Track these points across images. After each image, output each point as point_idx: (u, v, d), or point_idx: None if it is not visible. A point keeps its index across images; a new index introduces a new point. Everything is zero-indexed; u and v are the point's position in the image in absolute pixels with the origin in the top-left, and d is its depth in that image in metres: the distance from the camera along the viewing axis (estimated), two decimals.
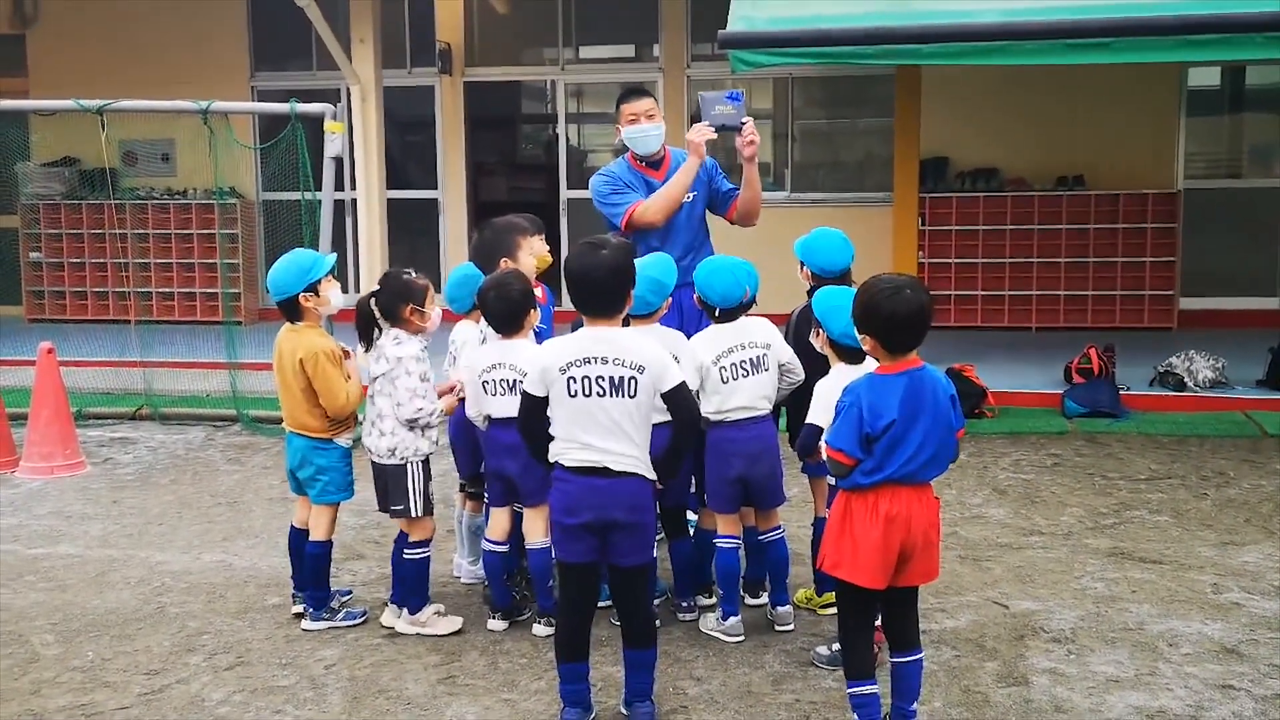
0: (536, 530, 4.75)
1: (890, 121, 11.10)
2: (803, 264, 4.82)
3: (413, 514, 4.71)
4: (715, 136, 5.47)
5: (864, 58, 7.50)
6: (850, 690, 3.76)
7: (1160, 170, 11.73)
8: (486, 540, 4.90)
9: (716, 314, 4.65)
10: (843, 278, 4.76)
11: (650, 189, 5.61)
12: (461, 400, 4.87)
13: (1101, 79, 10.99)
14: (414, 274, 4.76)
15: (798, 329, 4.81)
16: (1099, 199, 11.65)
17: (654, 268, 4.68)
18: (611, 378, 3.77)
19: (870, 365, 4.05)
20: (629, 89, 5.82)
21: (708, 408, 4.60)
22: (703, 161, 5.54)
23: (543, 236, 5.37)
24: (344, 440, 4.90)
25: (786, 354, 4.70)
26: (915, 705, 3.80)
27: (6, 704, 4.25)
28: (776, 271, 5.54)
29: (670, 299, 4.77)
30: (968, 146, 11.99)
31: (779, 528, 4.81)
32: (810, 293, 4.74)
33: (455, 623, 4.80)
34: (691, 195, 5.61)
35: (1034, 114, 11.71)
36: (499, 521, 4.88)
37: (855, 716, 3.77)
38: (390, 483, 4.72)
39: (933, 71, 10.17)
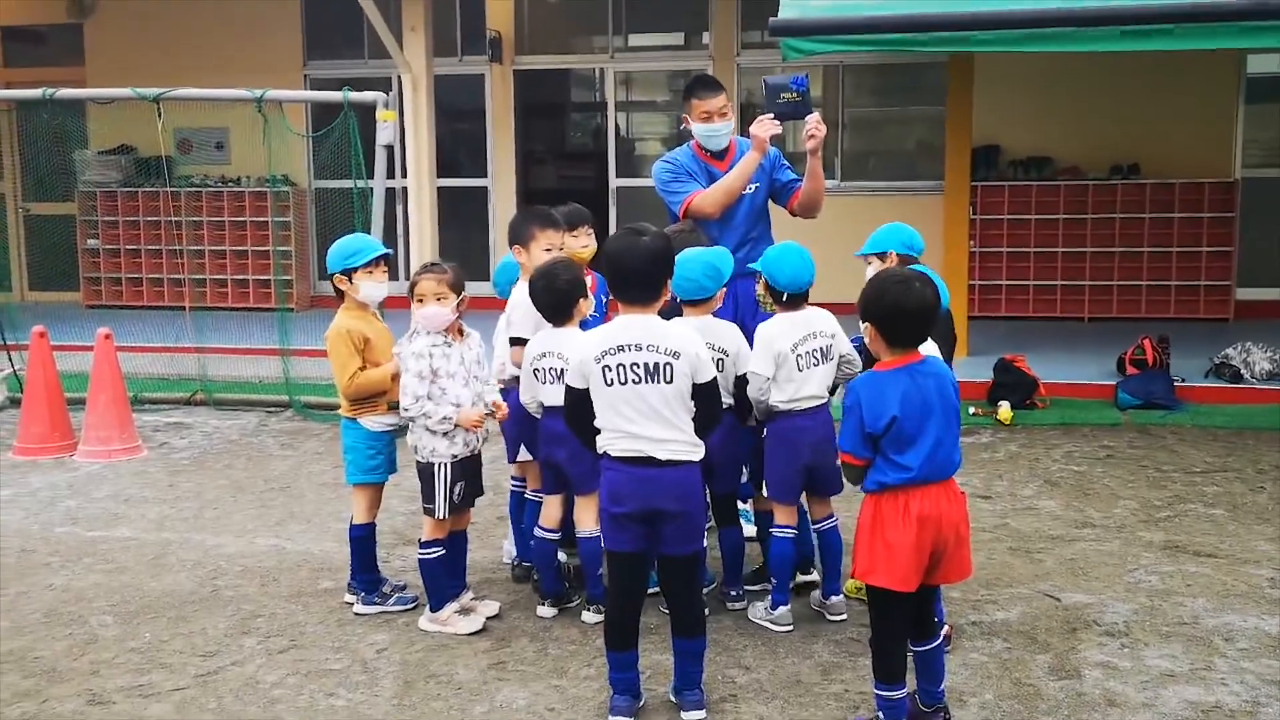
0: (586, 519, 4.76)
1: (942, 110, 10.98)
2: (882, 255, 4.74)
3: (437, 514, 4.68)
4: (779, 130, 5.39)
5: (916, 45, 7.42)
6: (879, 692, 3.73)
7: (1217, 158, 11.54)
8: (539, 528, 4.92)
9: (785, 299, 4.62)
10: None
11: (712, 179, 5.58)
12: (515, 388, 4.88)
13: (1157, 65, 10.81)
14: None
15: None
16: (1154, 188, 11.48)
17: (713, 254, 4.68)
18: (646, 364, 3.76)
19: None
20: (701, 80, 5.69)
21: (780, 396, 4.58)
22: (764, 155, 5.49)
23: (586, 229, 5.30)
24: (370, 423, 4.89)
25: (847, 345, 4.70)
26: (943, 686, 3.80)
27: (66, 683, 4.33)
28: (827, 261, 5.50)
29: (725, 289, 4.75)
30: (1020, 135, 11.86)
31: (832, 515, 4.81)
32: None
33: (477, 622, 4.73)
34: (753, 186, 5.58)
35: (1087, 101, 11.56)
36: (551, 509, 4.90)
37: (881, 716, 3.74)
38: (421, 480, 4.72)
39: (985, 59, 10.04)
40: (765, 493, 4.81)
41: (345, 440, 4.90)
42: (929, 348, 3.91)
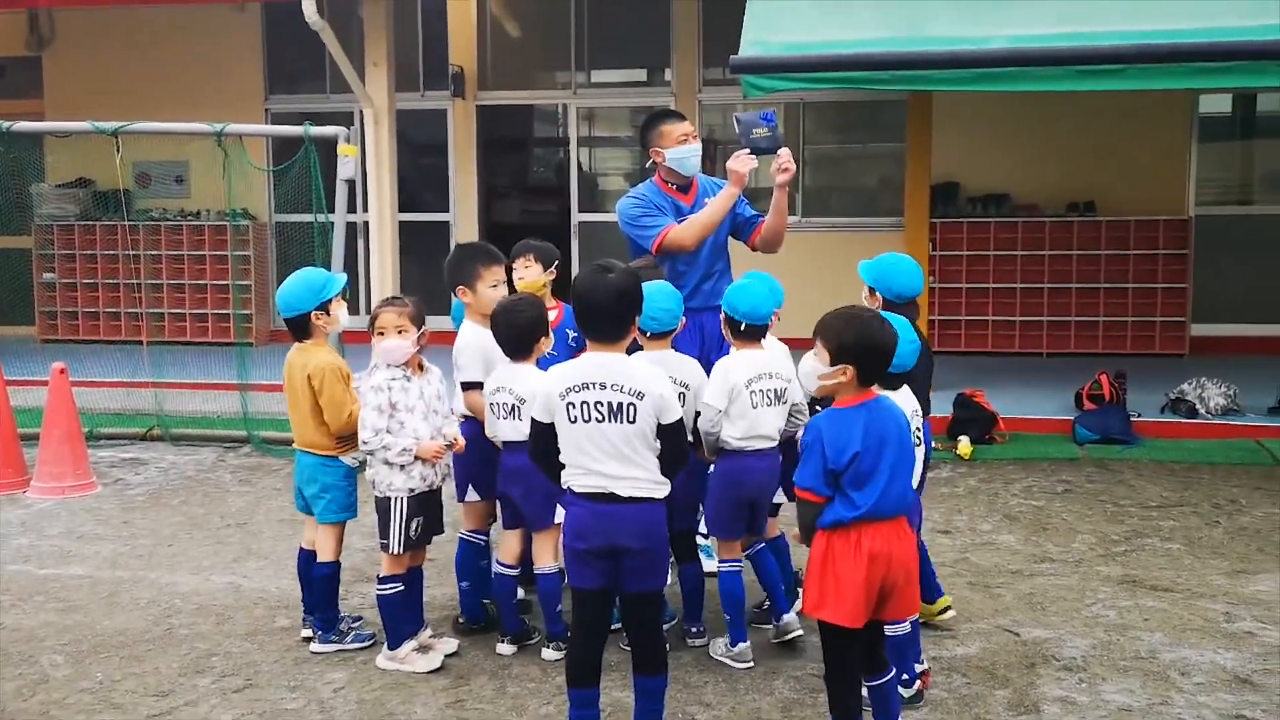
0: (545, 554, 4.76)
1: (902, 146, 11.11)
2: (872, 289, 4.77)
3: (392, 549, 4.66)
4: (757, 164, 5.47)
5: (877, 83, 7.51)
6: None
7: (1172, 196, 11.72)
8: (498, 563, 4.90)
9: (743, 328, 4.63)
10: (911, 305, 4.72)
11: (679, 213, 5.61)
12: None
13: (1113, 105, 11.00)
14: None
15: None
16: (1110, 225, 11.63)
17: (662, 295, 4.64)
18: (610, 404, 3.77)
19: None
20: (663, 112, 5.83)
21: (733, 432, 4.59)
22: (742, 189, 5.54)
23: (527, 259, 5.30)
24: (350, 459, 4.90)
25: (799, 395, 4.68)
26: None
27: None
28: (786, 296, 5.53)
29: (685, 320, 4.76)
30: (979, 172, 12.00)
31: (761, 542, 4.84)
32: None
33: (435, 660, 4.69)
34: None
35: (1045, 139, 11.72)
36: (510, 544, 4.89)
37: None
38: (379, 515, 4.70)
39: (945, 97, 10.18)
40: (703, 528, 4.83)
41: (324, 479, 4.86)
42: (902, 389, 4.05)
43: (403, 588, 4.70)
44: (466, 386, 4.94)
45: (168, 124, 9.19)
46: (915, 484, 4.12)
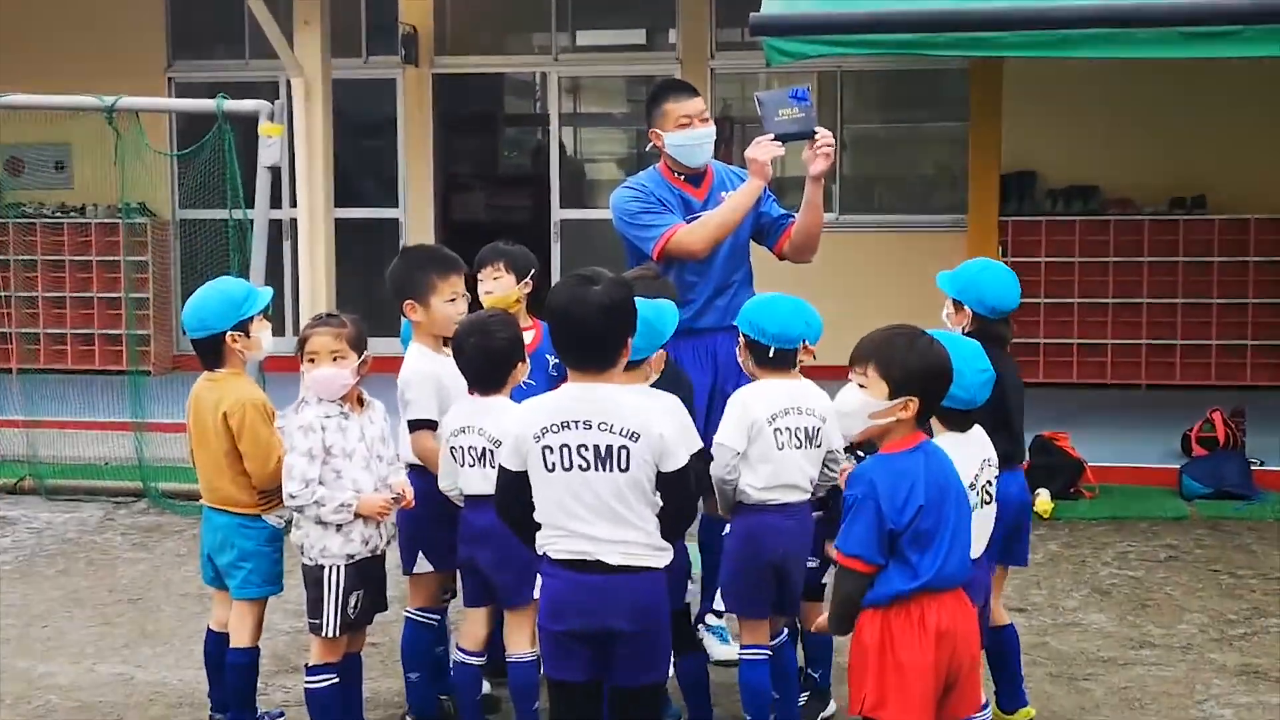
0: (519, 638, 4.74)
1: (964, 127, 11.16)
2: (959, 303, 4.84)
3: (325, 632, 4.64)
4: (782, 152, 5.49)
5: (930, 48, 7.56)
6: None
7: None
8: (458, 649, 4.89)
9: (771, 354, 4.65)
10: (1005, 323, 4.82)
11: (689, 209, 5.63)
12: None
13: (1228, 77, 11.03)
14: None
15: None
16: (1224, 224, 11.67)
17: (649, 308, 4.52)
18: (596, 447, 3.77)
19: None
20: (670, 84, 5.85)
21: (753, 480, 4.58)
22: (767, 182, 5.56)
23: (496, 268, 5.33)
24: (275, 519, 4.88)
25: (838, 440, 4.66)
26: None
27: None
28: (823, 314, 5.54)
29: (663, 351, 4.72)
30: (1060, 159, 12.04)
31: (784, 631, 4.86)
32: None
33: None
34: None
35: (1143, 120, 11.76)
36: (474, 627, 4.87)
37: None
38: (308, 587, 4.68)
39: (1017, 66, 10.23)
40: (722, 604, 4.82)
41: (243, 544, 4.84)
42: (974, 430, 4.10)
43: (337, 679, 4.69)
44: (416, 426, 4.92)
45: (45, 97, 9.21)
46: (981, 550, 4.14)
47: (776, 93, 5.55)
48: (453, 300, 5.01)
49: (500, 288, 5.32)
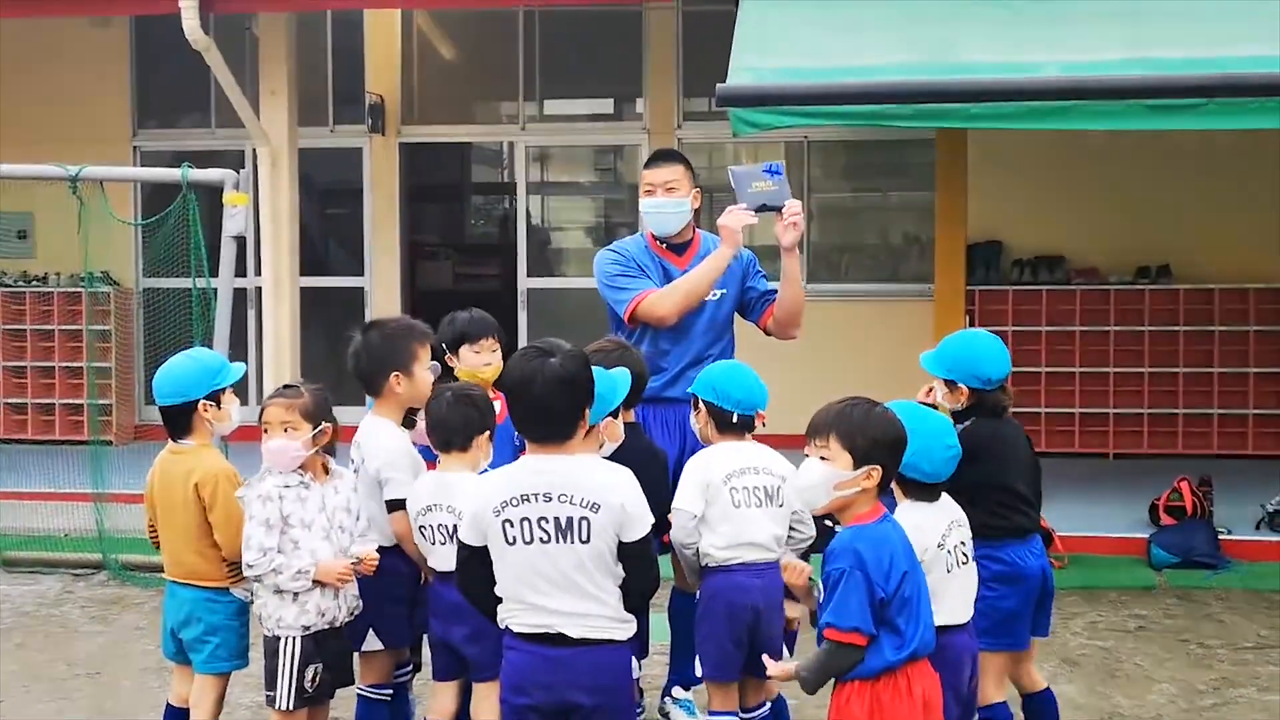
0: (488, 711, 4.69)
1: (930, 196, 11.25)
2: (951, 382, 4.82)
3: (279, 704, 4.60)
4: (755, 221, 5.53)
5: (897, 118, 7.61)
6: None
7: (1263, 260, 11.86)
8: None
9: (735, 419, 4.69)
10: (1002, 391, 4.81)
11: (668, 278, 5.67)
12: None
13: (1192, 149, 11.15)
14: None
15: None
16: (1189, 294, 11.78)
17: (602, 377, 4.53)
18: (557, 519, 3.78)
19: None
20: (655, 153, 5.98)
21: (715, 542, 4.61)
22: (736, 252, 5.60)
23: (492, 342, 5.35)
24: (241, 592, 4.86)
25: (800, 502, 4.66)
26: None
27: None
28: (782, 383, 5.56)
29: (613, 420, 4.72)
30: (1026, 228, 12.15)
31: (764, 703, 4.83)
32: (959, 417, 4.77)
33: None
34: (719, 293, 5.68)
35: (1108, 190, 11.87)
36: (443, 701, 4.83)
37: None
38: (267, 658, 4.66)
39: (983, 136, 10.33)
40: (699, 670, 4.81)
41: (210, 619, 4.82)
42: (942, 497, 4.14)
43: None
44: (397, 506, 4.87)
45: (8, 165, 9.18)
46: (969, 614, 4.15)
47: (750, 168, 5.63)
48: (427, 369, 5.03)
49: (497, 360, 5.30)
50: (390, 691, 5.05)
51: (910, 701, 3.62)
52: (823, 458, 3.74)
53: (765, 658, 3.98)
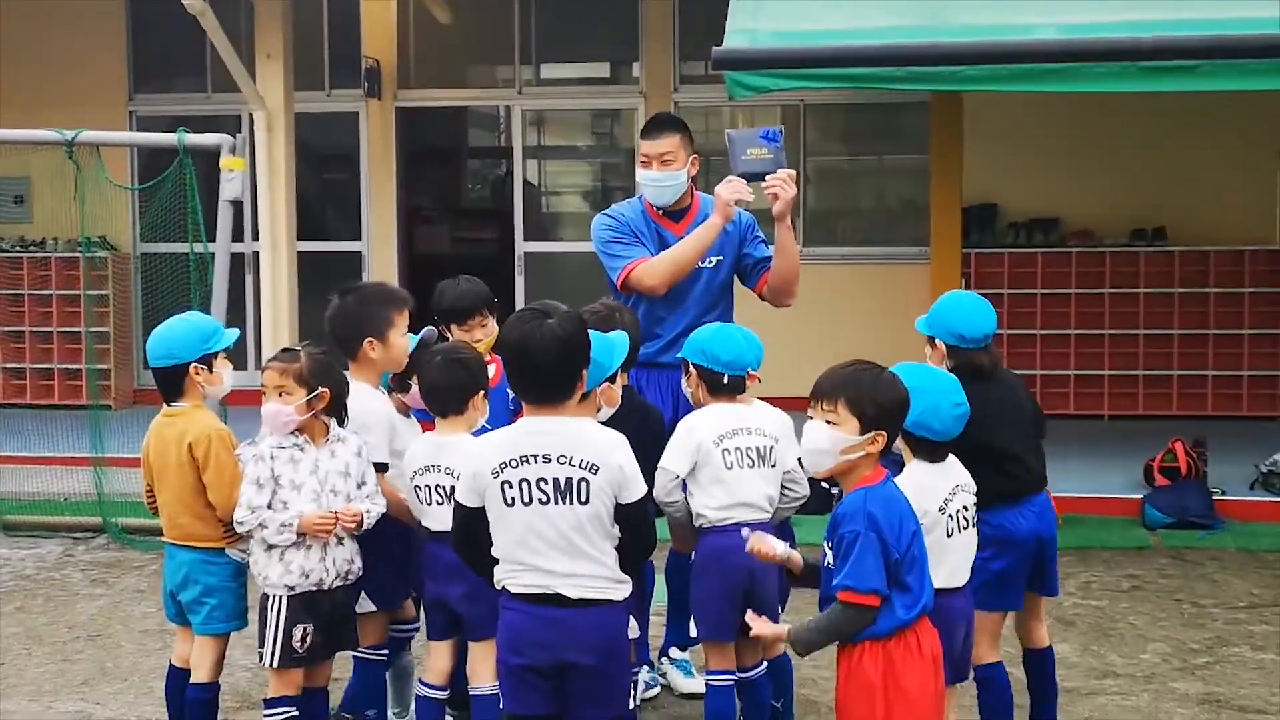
0: (485, 671, 4.72)
1: (926, 159, 11.24)
2: (931, 339, 4.83)
3: (265, 660, 4.64)
4: (751, 196, 5.47)
5: (892, 81, 7.60)
6: None
7: (1259, 222, 11.88)
8: (422, 684, 4.88)
9: (725, 381, 4.70)
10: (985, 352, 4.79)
11: (664, 245, 5.64)
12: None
13: (1188, 111, 11.15)
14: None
15: None
16: (1185, 256, 11.78)
17: (599, 341, 4.50)
18: (556, 480, 3.79)
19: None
20: (652, 120, 5.92)
21: (707, 503, 4.64)
22: (729, 222, 5.55)
23: (483, 316, 5.35)
24: (237, 553, 4.87)
25: (793, 460, 4.73)
26: None
27: None
28: (782, 346, 5.59)
29: (610, 385, 4.72)
30: (1021, 191, 12.14)
31: (762, 662, 4.85)
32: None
33: None
34: (714, 260, 5.65)
35: (1104, 153, 11.86)
36: (438, 660, 4.86)
37: None
38: (260, 614, 4.69)
39: (977, 99, 10.32)
40: (695, 630, 4.84)
41: (207, 580, 4.84)
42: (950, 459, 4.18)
43: (296, 713, 4.67)
44: (376, 469, 4.90)
45: (4, 130, 9.19)
46: (966, 577, 4.18)
47: (748, 132, 5.60)
48: (404, 335, 5.04)
49: (488, 334, 5.31)
50: (386, 652, 5.07)
51: (921, 658, 3.67)
52: (830, 421, 3.74)
53: (750, 616, 3.96)
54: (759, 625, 3.93)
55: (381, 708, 5.03)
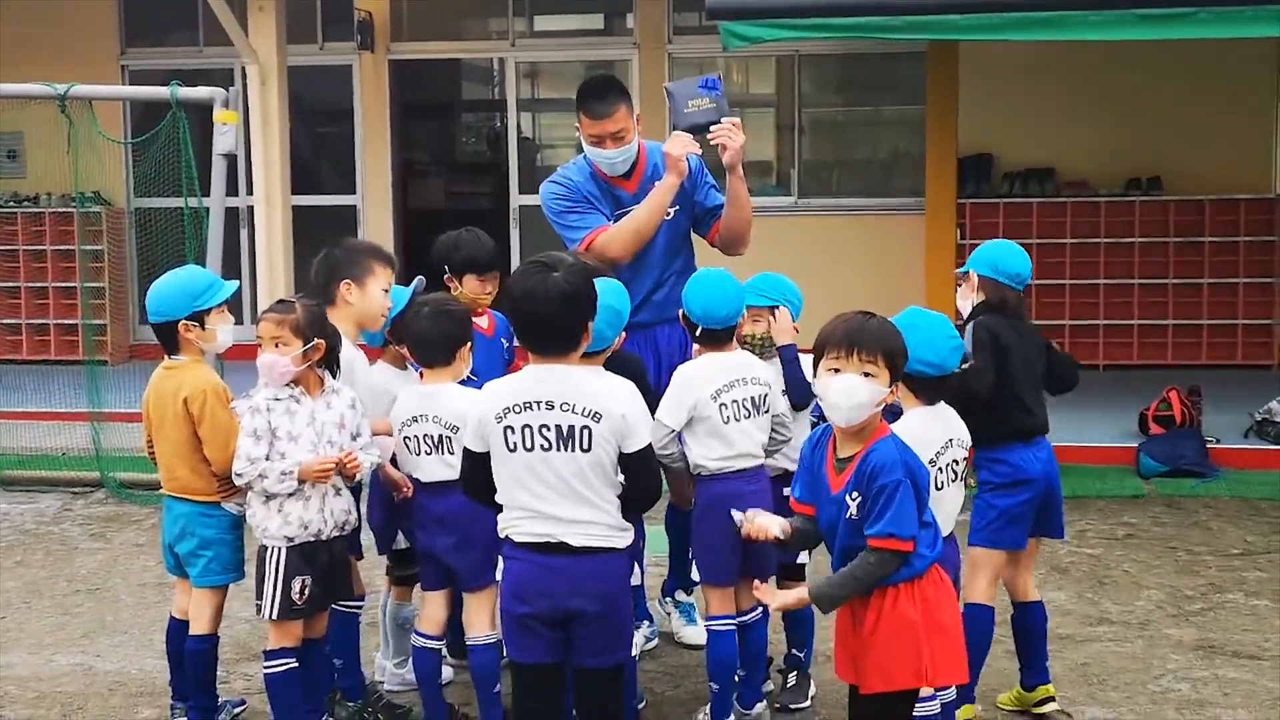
0: (480, 620, 4.75)
1: (921, 110, 11.20)
2: (983, 276, 4.97)
3: (265, 614, 4.65)
4: (699, 150, 5.36)
5: (886, 31, 7.58)
6: None
7: (1254, 171, 11.86)
8: (417, 634, 4.89)
9: (701, 334, 4.71)
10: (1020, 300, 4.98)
11: (618, 204, 5.51)
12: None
13: (1183, 59, 11.11)
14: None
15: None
16: (1180, 206, 11.76)
17: (611, 293, 4.53)
18: (559, 426, 3.79)
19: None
20: (591, 87, 5.55)
21: (705, 454, 4.65)
22: (682, 179, 5.40)
23: (489, 281, 5.33)
24: (234, 506, 4.87)
25: (782, 404, 4.80)
26: None
27: None
28: None
29: (624, 335, 4.73)
30: (1017, 142, 12.11)
31: (758, 607, 4.85)
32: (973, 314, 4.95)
33: None
34: (671, 211, 5.49)
35: (1098, 102, 11.83)
36: (433, 610, 4.88)
37: None
38: (258, 566, 4.69)
39: (973, 50, 10.27)
40: (696, 574, 4.86)
41: (204, 533, 4.85)
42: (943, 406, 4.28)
43: (296, 664, 4.68)
44: None
45: None
46: (951, 527, 4.21)
47: (686, 82, 5.46)
48: (385, 291, 5.04)
49: (497, 287, 5.28)
50: (360, 605, 5.08)
51: (948, 589, 3.77)
52: (868, 373, 3.69)
53: (766, 593, 3.90)
54: (777, 598, 3.90)
55: (349, 657, 5.03)
